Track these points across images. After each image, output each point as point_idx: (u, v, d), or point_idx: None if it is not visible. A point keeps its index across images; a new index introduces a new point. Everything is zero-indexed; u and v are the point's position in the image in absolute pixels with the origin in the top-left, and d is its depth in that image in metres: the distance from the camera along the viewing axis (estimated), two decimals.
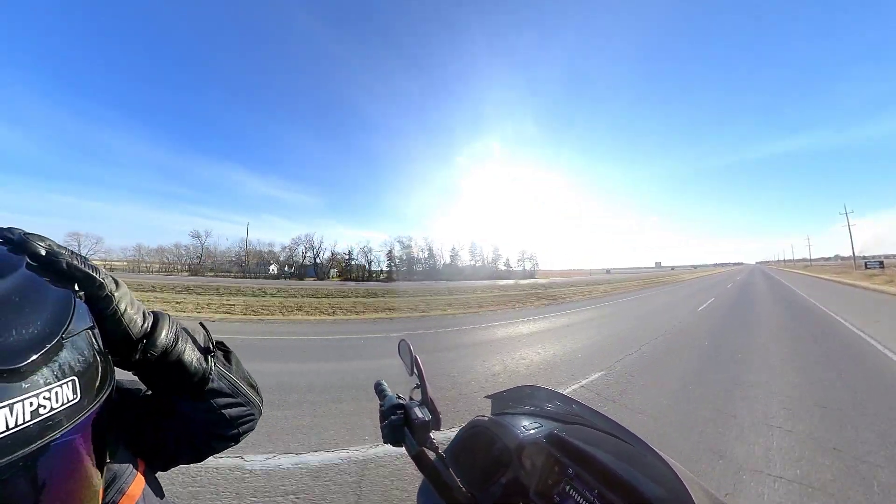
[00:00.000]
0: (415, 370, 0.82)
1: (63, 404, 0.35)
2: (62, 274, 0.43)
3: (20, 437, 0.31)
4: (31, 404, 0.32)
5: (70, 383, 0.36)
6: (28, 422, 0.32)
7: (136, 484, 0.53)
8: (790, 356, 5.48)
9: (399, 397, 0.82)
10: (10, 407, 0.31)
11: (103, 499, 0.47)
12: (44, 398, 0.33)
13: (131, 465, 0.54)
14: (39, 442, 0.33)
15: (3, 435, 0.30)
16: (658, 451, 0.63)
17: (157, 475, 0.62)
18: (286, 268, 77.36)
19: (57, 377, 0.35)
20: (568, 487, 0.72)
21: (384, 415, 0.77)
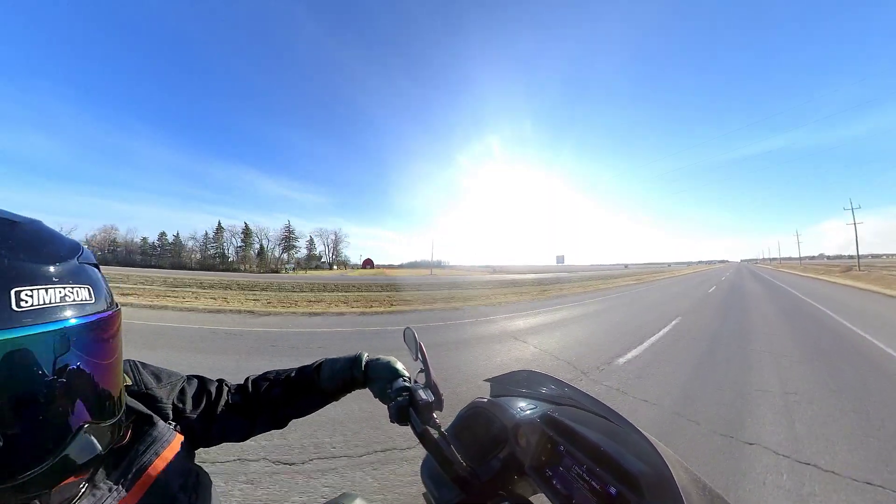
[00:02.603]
0: (419, 355, 0.88)
1: (83, 299, 0.49)
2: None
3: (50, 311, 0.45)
4: (59, 291, 0.46)
5: (86, 289, 0.50)
6: (57, 303, 0.46)
7: (171, 448, 0.62)
8: None
9: (405, 381, 0.87)
10: (47, 289, 0.45)
11: (142, 454, 0.58)
12: (69, 290, 0.47)
13: (169, 433, 0.64)
14: (74, 317, 0.47)
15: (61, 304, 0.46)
16: (643, 432, 0.68)
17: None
18: None
19: (77, 281, 0.49)
20: (559, 462, 0.79)
21: (391, 397, 0.82)
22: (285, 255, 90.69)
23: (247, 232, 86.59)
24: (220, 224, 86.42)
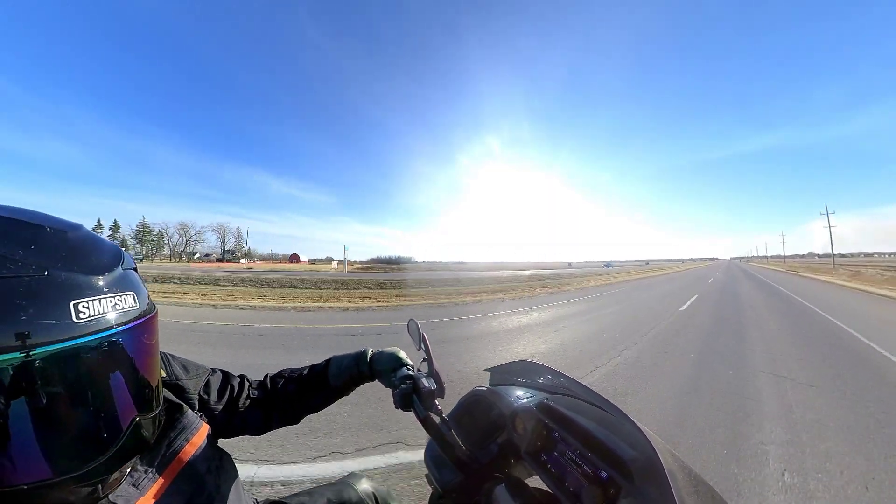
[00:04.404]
0: (422, 346, 0.91)
1: (129, 305, 0.53)
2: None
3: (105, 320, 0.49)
4: (110, 301, 0.50)
5: (131, 295, 0.53)
6: (109, 311, 0.50)
7: (199, 435, 0.67)
8: None
9: (409, 369, 0.91)
10: (100, 300, 0.49)
11: (173, 440, 0.63)
12: (118, 299, 0.51)
13: (197, 421, 0.69)
14: (122, 323, 0.51)
15: (124, 310, 0.51)
16: (634, 420, 0.71)
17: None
18: None
19: (123, 289, 0.53)
20: (554, 448, 0.84)
21: (395, 384, 0.86)
22: (139, 248, 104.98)
23: (114, 227, 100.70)
24: (99, 221, 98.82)
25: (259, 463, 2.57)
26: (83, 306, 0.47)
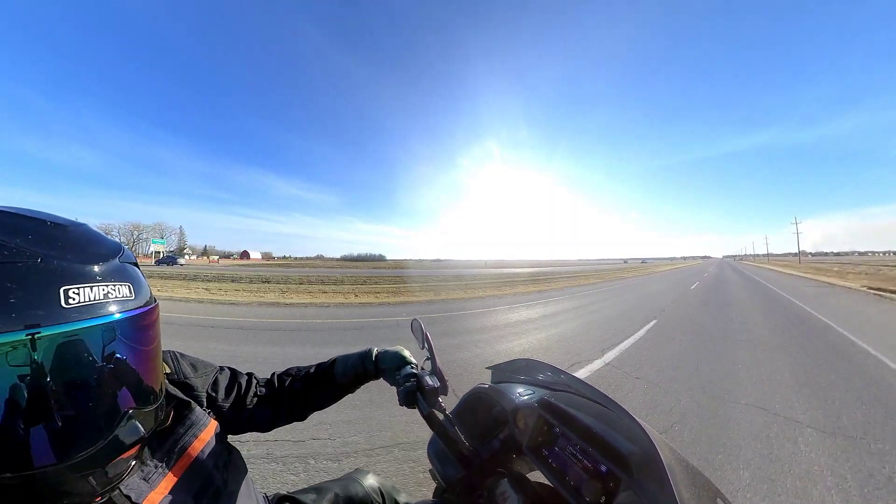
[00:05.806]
0: (425, 345, 0.93)
1: (124, 295, 0.53)
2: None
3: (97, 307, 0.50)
4: (103, 289, 0.50)
5: (126, 286, 0.54)
6: (101, 300, 0.50)
7: (207, 431, 0.69)
8: None
9: (412, 367, 0.93)
10: (91, 287, 0.49)
11: (182, 436, 0.64)
12: (111, 288, 0.51)
13: (205, 418, 0.70)
14: (115, 312, 0.51)
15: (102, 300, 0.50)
16: (633, 416, 0.73)
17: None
18: None
19: (118, 279, 0.53)
20: (555, 443, 0.86)
21: (400, 382, 0.88)
22: None
23: None
24: None
25: None
26: (73, 292, 0.47)
